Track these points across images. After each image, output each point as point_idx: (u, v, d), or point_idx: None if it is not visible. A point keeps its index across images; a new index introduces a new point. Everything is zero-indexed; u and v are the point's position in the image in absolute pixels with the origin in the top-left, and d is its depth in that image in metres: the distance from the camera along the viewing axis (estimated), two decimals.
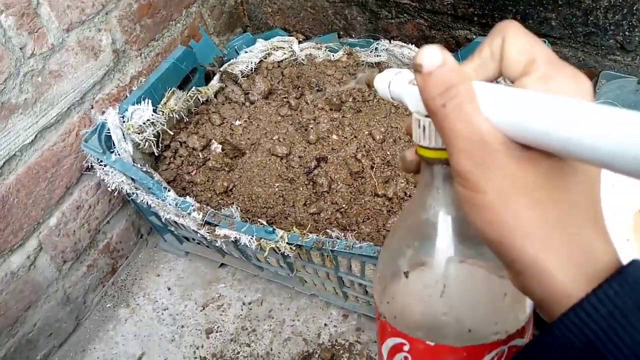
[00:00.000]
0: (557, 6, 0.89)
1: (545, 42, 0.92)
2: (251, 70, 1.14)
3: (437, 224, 0.33)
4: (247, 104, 1.12)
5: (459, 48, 1.03)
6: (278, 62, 1.16)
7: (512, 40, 0.26)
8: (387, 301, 0.37)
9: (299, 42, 1.16)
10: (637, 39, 0.87)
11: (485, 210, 0.25)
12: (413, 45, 1.05)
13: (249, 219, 0.88)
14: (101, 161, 0.90)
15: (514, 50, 0.26)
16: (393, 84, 0.33)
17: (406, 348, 0.36)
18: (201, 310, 1.08)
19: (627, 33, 0.87)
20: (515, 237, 0.25)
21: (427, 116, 0.29)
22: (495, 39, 0.27)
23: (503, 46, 0.27)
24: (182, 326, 1.06)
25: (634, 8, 0.83)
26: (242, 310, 1.07)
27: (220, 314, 1.07)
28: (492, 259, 0.30)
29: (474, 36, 1.02)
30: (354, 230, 0.88)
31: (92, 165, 0.94)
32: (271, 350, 1.00)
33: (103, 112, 0.95)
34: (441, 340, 0.34)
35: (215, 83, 1.12)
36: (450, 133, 0.25)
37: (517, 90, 0.25)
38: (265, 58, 1.15)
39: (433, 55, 0.26)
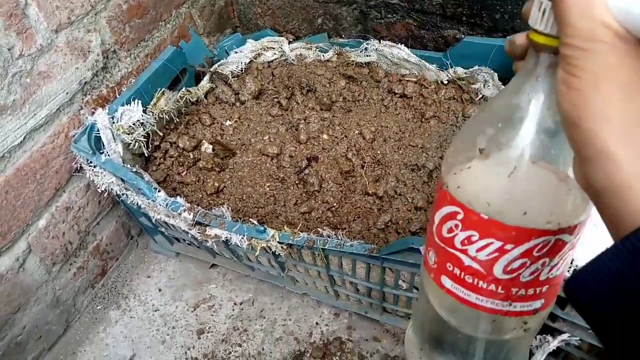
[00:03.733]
0: None
1: None
2: (241, 70, 1.14)
3: (527, 109, 0.34)
4: (238, 104, 1.12)
5: (447, 47, 1.04)
6: (268, 62, 1.16)
7: None
8: (454, 172, 0.38)
9: (289, 42, 1.16)
10: None
11: (576, 92, 0.26)
12: (402, 45, 1.06)
13: (240, 218, 0.88)
14: (91, 162, 0.89)
15: None
16: None
17: (459, 217, 0.38)
18: (192, 311, 1.08)
19: None
20: (595, 121, 0.26)
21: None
22: None
23: None
24: (173, 327, 1.06)
25: None
26: (233, 310, 1.07)
27: (211, 315, 1.07)
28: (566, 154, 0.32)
29: (463, 35, 1.03)
30: (345, 228, 0.88)
31: (81, 167, 0.93)
32: (263, 350, 1.00)
33: (93, 113, 0.94)
34: (495, 216, 0.36)
35: (205, 83, 1.12)
36: (565, 10, 0.27)
37: None
38: (256, 58, 1.15)
39: None
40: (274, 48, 1.15)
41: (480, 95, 1.01)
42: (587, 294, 0.27)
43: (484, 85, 1.00)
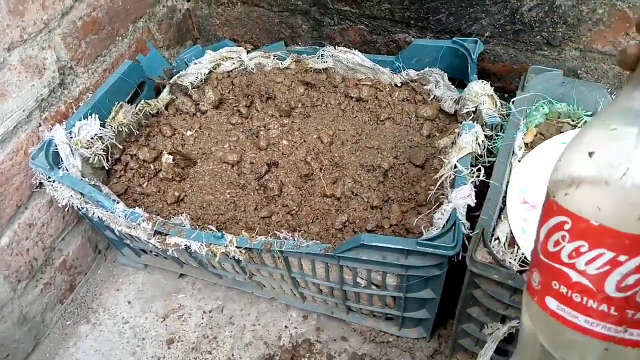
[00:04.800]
0: (485, 6, 0.94)
1: (477, 41, 0.96)
2: (201, 81, 1.15)
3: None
4: (198, 114, 1.13)
5: (399, 51, 1.07)
6: (228, 72, 1.18)
7: None
8: (561, 179, 0.36)
9: (248, 51, 1.19)
10: (560, 34, 0.92)
11: None
12: (356, 50, 1.09)
13: (199, 226, 0.90)
14: (49, 177, 0.90)
15: None
16: None
17: (567, 227, 0.35)
18: (162, 322, 1.09)
19: (550, 29, 0.92)
20: None
21: None
22: None
23: None
24: (143, 338, 1.06)
25: (554, 5, 0.88)
26: (202, 318, 1.08)
27: (181, 324, 1.08)
28: None
29: (413, 39, 1.06)
30: (304, 230, 0.90)
31: (41, 183, 0.94)
32: (232, 356, 1.02)
33: (51, 129, 0.95)
34: (606, 222, 0.33)
35: (165, 95, 1.14)
36: None
37: None
38: (215, 69, 1.17)
39: None
40: (232, 58, 1.17)
41: (432, 96, 1.04)
42: None
43: (435, 86, 1.04)
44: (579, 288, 0.35)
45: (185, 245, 0.84)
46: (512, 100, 0.87)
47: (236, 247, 0.82)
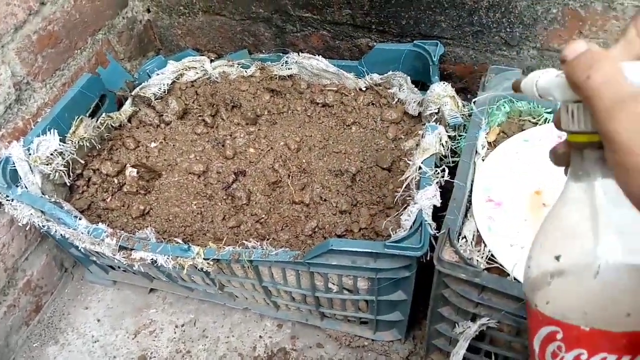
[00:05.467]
0: (444, 9, 0.95)
1: (437, 44, 0.98)
2: (164, 92, 1.14)
3: (592, 206, 0.33)
4: (162, 125, 1.12)
5: (362, 56, 1.08)
6: (191, 82, 1.17)
7: None
8: (538, 288, 0.36)
9: (211, 61, 1.18)
10: (517, 34, 0.94)
11: (637, 172, 0.26)
12: (320, 56, 1.09)
13: (165, 239, 0.88)
14: (7, 196, 0.87)
15: None
16: (540, 80, 0.35)
17: (559, 336, 0.34)
18: (133, 338, 1.06)
19: (508, 30, 0.94)
20: None
21: (575, 102, 0.32)
22: None
23: None
24: (114, 357, 1.04)
25: (511, 6, 0.90)
26: (175, 333, 1.06)
27: (153, 340, 1.06)
28: None
29: (375, 43, 1.07)
30: (273, 238, 0.89)
31: (0, 202, 0.91)
32: None
33: (8, 147, 0.92)
34: (596, 325, 0.32)
35: (127, 108, 1.12)
36: (598, 101, 0.28)
37: None
38: (178, 79, 1.16)
39: (576, 46, 0.30)
40: (196, 67, 1.16)
41: (397, 99, 1.05)
42: None
43: (399, 89, 1.04)
44: None
45: (152, 259, 0.82)
46: (474, 100, 0.88)
47: (204, 258, 0.81)
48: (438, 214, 0.77)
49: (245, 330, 1.05)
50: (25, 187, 0.88)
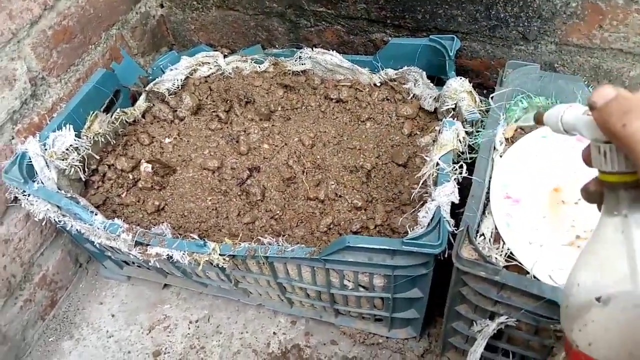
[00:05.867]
0: (460, 3, 0.94)
1: (454, 38, 0.96)
2: (178, 87, 1.14)
3: (631, 249, 0.33)
4: (176, 121, 1.12)
5: (377, 50, 1.07)
6: (205, 77, 1.17)
7: None
8: (579, 329, 0.35)
9: (225, 56, 1.17)
10: (535, 29, 0.92)
11: None
12: (334, 51, 1.08)
13: (181, 235, 0.88)
14: (24, 191, 0.88)
15: None
16: (566, 116, 0.35)
17: None
18: (147, 334, 1.06)
19: (526, 24, 0.92)
20: None
21: (606, 142, 0.32)
22: None
23: None
24: (129, 352, 1.04)
25: (529, 0, 0.89)
26: (189, 329, 1.06)
27: (167, 335, 1.06)
28: None
29: (390, 38, 1.06)
30: (288, 235, 0.89)
31: (16, 197, 0.92)
32: None
33: (24, 142, 0.93)
34: None
35: (141, 103, 1.12)
36: (637, 144, 0.28)
37: None
38: (192, 74, 1.16)
39: (605, 92, 0.30)
40: (209, 63, 1.16)
41: (412, 94, 1.04)
42: None
43: (415, 85, 1.03)
44: None
45: (167, 255, 0.82)
46: (491, 95, 0.87)
47: (219, 254, 0.81)
48: (455, 210, 0.76)
49: (259, 327, 1.05)
50: (42, 182, 0.88)
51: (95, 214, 0.85)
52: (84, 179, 0.98)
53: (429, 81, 1.01)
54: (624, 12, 0.84)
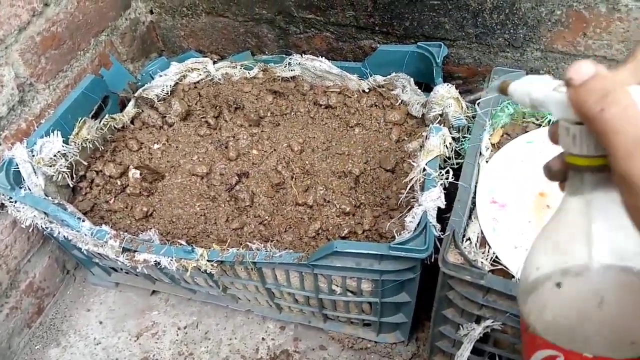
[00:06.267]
0: (447, 10, 0.95)
1: (441, 45, 0.98)
2: (167, 93, 1.14)
3: (590, 233, 0.32)
4: (165, 127, 1.12)
5: (365, 57, 1.08)
6: (194, 83, 1.17)
7: None
8: (536, 312, 0.35)
9: (214, 62, 1.17)
10: (521, 36, 0.94)
11: None
12: (323, 57, 1.09)
13: (169, 241, 0.88)
14: (11, 198, 0.87)
15: None
16: (534, 90, 0.33)
17: None
18: (135, 340, 1.06)
19: (512, 31, 0.94)
20: None
21: (577, 124, 0.30)
22: None
23: None
24: (117, 359, 1.03)
25: (514, 8, 0.90)
26: (177, 335, 1.06)
27: (155, 342, 1.05)
28: None
29: (378, 45, 1.07)
30: (277, 240, 0.89)
31: (2, 204, 0.91)
32: None
33: (12, 148, 0.92)
34: (600, 353, 0.32)
35: (130, 109, 1.12)
36: (616, 137, 0.26)
37: None
38: (181, 80, 1.16)
39: (583, 68, 0.28)
40: (198, 69, 1.16)
41: (400, 101, 1.04)
42: None
43: (402, 91, 1.04)
44: None
45: (155, 261, 0.82)
46: (477, 101, 0.88)
47: (207, 260, 0.81)
48: (442, 215, 0.77)
49: (248, 332, 1.05)
50: (29, 188, 0.88)
51: (83, 221, 0.84)
52: (71, 186, 0.98)
53: (417, 87, 1.02)
54: (606, 20, 0.86)
